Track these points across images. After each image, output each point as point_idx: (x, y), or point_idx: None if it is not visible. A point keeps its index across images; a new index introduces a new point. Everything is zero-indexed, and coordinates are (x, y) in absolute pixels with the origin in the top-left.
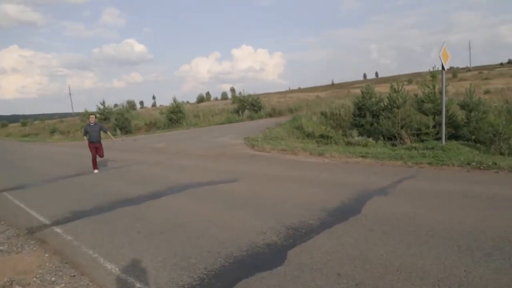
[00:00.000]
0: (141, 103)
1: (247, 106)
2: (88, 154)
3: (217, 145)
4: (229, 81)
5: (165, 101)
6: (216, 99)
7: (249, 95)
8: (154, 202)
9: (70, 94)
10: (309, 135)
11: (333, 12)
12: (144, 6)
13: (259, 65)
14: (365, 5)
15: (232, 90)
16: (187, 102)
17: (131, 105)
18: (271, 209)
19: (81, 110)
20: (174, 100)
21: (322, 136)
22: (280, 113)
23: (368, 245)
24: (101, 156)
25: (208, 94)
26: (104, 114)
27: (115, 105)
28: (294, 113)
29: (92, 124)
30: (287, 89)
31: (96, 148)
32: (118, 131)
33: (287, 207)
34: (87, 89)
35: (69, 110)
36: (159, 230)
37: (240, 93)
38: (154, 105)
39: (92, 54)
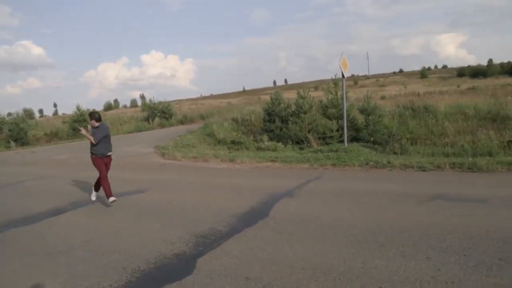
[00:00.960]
0: (41, 111)
1: (157, 114)
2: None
3: (125, 155)
4: (139, 88)
5: (68, 109)
6: (125, 106)
7: (160, 102)
8: (54, 219)
9: None
10: (221, 142)
11: (243, 20)
12: (41, 5)
13: (170, 72)
14: (273, 15)
15: (142, 97)
16: (93, 110)
17: (28, 113)
18: (180, 219)
19: None
20: (78, 108)
21: (233, 142)
22: (191, 120)
23: (276, 247)
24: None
25: (116, 101)
26: None
27: (9, 114)
28: (206, 120)
29: (96, 127)
30: (199, 95)
31: (106, 164)
32: (13, 143)
33: (197, 215)
34: None
35: None
36: (59, 249)
37: (150, 100)
38: (55, 113)
39: None
